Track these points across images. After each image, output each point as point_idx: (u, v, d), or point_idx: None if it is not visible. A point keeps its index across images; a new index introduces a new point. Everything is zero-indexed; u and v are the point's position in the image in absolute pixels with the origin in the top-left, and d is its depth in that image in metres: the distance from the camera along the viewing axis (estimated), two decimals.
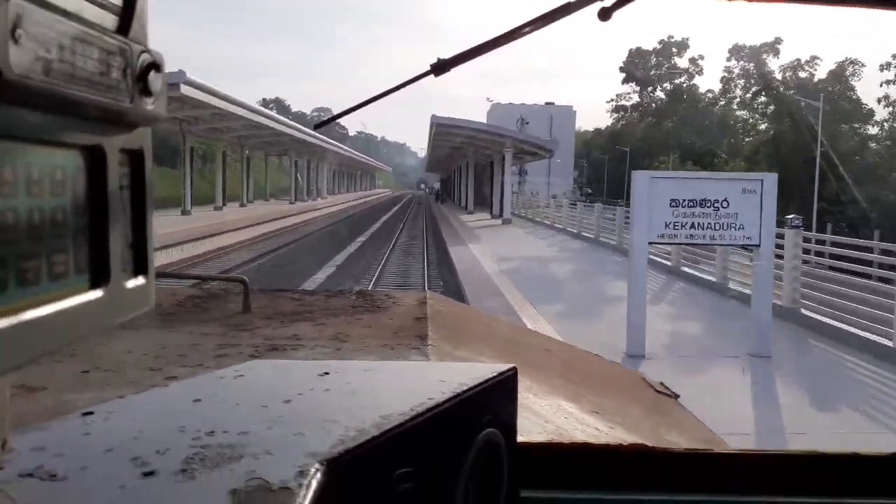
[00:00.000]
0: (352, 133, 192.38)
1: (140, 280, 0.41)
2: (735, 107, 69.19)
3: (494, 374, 0.72)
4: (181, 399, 0.64)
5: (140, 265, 0.41)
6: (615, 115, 78.46)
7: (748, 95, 66.13)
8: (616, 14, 0.88)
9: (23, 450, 0.50)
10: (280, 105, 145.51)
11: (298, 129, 42.45)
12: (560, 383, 1.97)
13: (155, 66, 0.39)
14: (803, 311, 10.77)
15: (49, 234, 0.34)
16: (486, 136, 36.20)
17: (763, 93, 62.48)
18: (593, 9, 0.88)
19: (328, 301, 2.79)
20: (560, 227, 28.46)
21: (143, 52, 0.39)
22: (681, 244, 11.73)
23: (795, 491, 0.89)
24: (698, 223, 8.66)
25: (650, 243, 9.25)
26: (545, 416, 1.46)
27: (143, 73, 0.38)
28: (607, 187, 62.94)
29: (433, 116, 35.85)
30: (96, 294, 0.37)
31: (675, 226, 8.69)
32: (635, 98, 77.44)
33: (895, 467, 0.88)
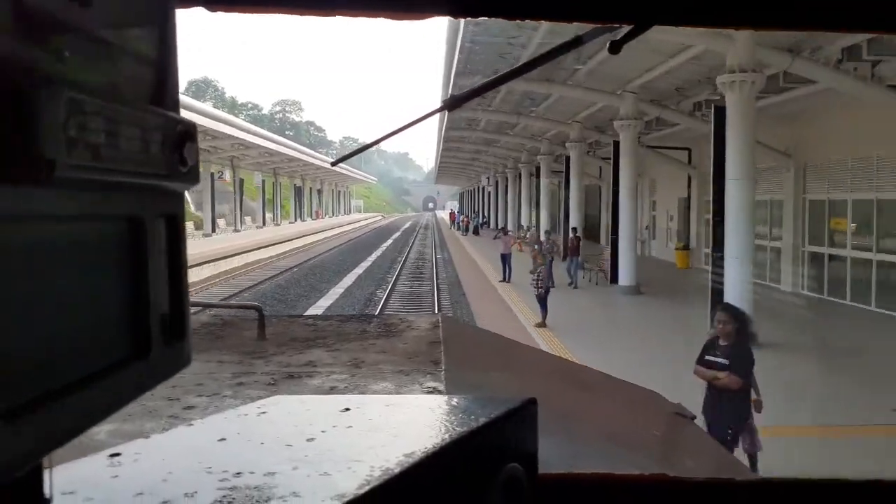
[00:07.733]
0: (332, 138, 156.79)
1: (179, 342, 0.41)
2: None
3: (515, 406, 0.72)
4: (206, 438, 0.65)
5: (178, 327, 0.41)
6: None
7: None
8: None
9: (52, 492, 0.51)
10: (210, 87, 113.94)
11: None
12: (577, 408, 1.96)
13: (189, 135, 0.40)
14: None
15: (93, 308, 0.35)
16: None
17: None
18: (604, 41, 0.90)
19: (342, 326, 2.81)
20: None
21: (178, 122, 0.40)
22: None
23: None
24: None
25: None
26: (564, 444, 1.45)
27: (179, 144, 0.40)
28: None
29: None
30: (139, 361, 0.38)
31: None
32: None
33: None
